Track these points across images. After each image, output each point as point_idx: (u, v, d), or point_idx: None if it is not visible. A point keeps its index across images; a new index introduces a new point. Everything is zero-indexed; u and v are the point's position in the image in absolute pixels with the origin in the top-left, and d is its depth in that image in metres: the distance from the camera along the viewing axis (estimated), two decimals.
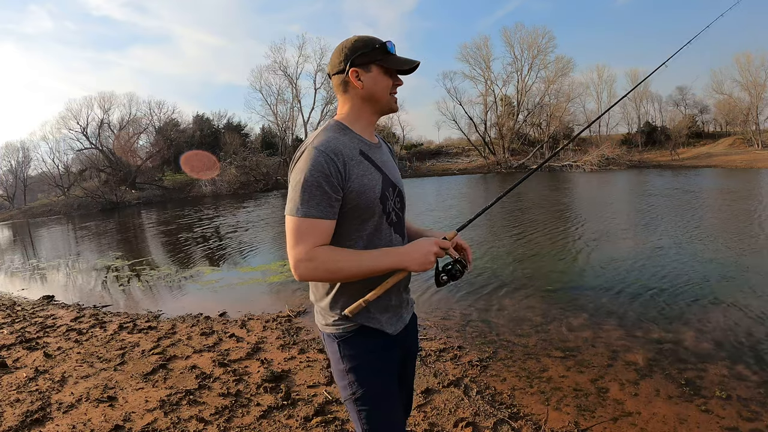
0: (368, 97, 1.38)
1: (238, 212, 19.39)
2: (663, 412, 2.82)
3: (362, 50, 1.36)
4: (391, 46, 1.39)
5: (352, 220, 1.34)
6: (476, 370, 3.52)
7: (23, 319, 5.76)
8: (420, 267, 1.31)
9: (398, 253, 1.32)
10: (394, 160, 1.58)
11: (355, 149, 1.35)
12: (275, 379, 3.42)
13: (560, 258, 7.35)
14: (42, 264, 11.09)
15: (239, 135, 42.67)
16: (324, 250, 1.27)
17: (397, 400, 1.46)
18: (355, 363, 1.39)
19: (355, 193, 1.31)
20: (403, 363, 1.54)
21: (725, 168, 28.41)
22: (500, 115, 42.44)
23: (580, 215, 11.90)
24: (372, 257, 1.30)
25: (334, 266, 1.26)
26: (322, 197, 1.26)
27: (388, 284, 1.34)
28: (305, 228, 1.26)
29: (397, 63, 1.39)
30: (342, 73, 1.37)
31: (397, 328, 1.46)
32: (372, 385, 1.39)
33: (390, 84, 1.39)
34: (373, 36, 1.38)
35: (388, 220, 1.41)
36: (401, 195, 1.48)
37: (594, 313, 4.71)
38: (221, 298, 6.42)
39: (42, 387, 3.52)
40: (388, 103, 1.41)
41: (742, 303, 4.73)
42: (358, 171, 1.33)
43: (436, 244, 1.34)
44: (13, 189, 41.14)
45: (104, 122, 39.59)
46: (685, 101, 47.16)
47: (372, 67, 1.36)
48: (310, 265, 1.26)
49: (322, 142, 1.30)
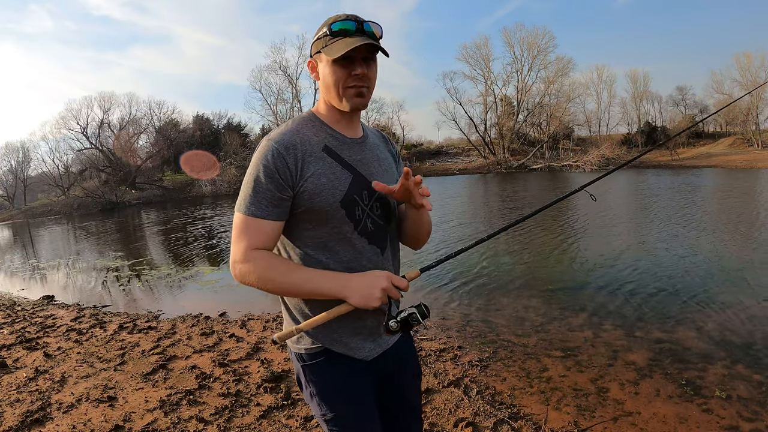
0: (324, 88, 1.21)
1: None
2: (663, 412, 2.82)
3: (316, 36, 1.20)
4: (336, 24, 1.15)
5: (307, 224, 1.20)
6: (476, 370, 3.52)
7: (23, 319, 5.76)
8: (361, 302, 1.12)
9: (341, 280, 1.15)
10: (395, 159, 1.40)
11: (318, 144, 1.20)
12: (275, 379, 3.42)
13: (560, 258, 7.35)
14: (42, 264, 11.09)
15: (239, 135, 42.63)
16: (262, 255, 1.15)
17: (373, 422, 1.28)
18: (321, 389, 1.26)
19: (308, 194, 1.16)
20: (380, 390, 1.35)
21: (725, 168, 28.43)
22: (500, 115, 42.47)
23: (580, 215, 11.89)
24: (310, 277, 1.15)
25: (265, 274, 1.13)
26: (264, 194, 1.14)
27: (330, 314, 1.15)
28: (245, 227, 1.15)
29: (333, 51, 1.13)
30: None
31: (372, 353, 1.28)
32: (341, 410, 1.25)
33: (338, 75, 1.15)
34: (335, 15, 1.18)
35: (358, 228, 1.22)
36: (385, 200, 1.28)
37: (594, 313, 4.71)
38: (221, 298, 6.42)
39: (42, 387, 3.52)
40: (347, 97, 1.17)
41: (743, 303, 4.73)
42: (316, 168, 1.17)
43: (388, 279, 1.15)
44: (13, 189, 41.13)
45: (104, 122, 39.67)
46: (685, 101, 47.29)
47: (322, 55, 1.18)
48: (243, 268, 1.14)
49: (277, 134, 1.18)
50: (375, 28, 1.18)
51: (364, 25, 1.16)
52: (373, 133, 1.38)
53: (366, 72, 1.16)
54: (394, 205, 1.34)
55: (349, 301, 1.13)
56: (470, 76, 42.97)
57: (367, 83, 1.18)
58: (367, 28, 1.16)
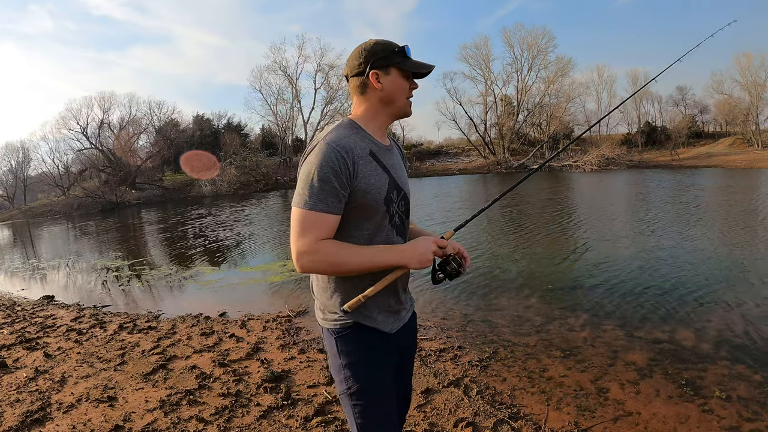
0: (387, 98, 1.42)
1: (238, 212, 19.38)
2: (663, 412, 2.82)
3: (382, 53, 1.40)
4: (408, 50, 1.43)
5: (356, 218, 1.37)
6: (476, 370, 3.52)
7: (23, 319, 5.76)
8: (419, 264, 1.35)
9: (399, 251, 1.35)
10: (404, 164, 1.60)
11: (365, 149, 1.38)
12: (275, 379, 3.42)
13: (560, 258, 7.35)
14: (42, 264, 11.09)
15: (239, 135, 42.64)
16: (327, 244, 1.30)
17: (392, 397, 1.47)
18: (351, 359, 1.41)
19: (362, 192, 1.34)
20: (399, 361, 1.56)
21: (725, 168, 28.41)
22: (500, 115, 42.45)
23: (580, 215, 11.90)
24: (373, 253, 1.33)
25: (336, 259, 1.29)
26: (329, 191, 1.29)
27: (387, 281, 1.36)
28: (311, 221, 1.29)
29: (416, 66, 1.43)
30: (361, 75, 1.40)
31: (394, 327, 1.48)
32: (367, 381, 1.41)
33: (407, 86, 1.44)
34: (390, 41, 1.43)
35: (391, 222, 1.43)
36: (406, 199, 1.51)
37: (594, 313, 4.71)
38: (221, 298, 6.42)
39: (42, 387, 3.52)
40: (404, 106, 1.45)
41: (743, 303, 4.73)
42: (366, 170, 1.35)
43: (435, 243, 1.38)
44: (13, 189, 41.11)
45: (104, 122, 39.68)
46: (685, 101, 47.21)
47: (391, 69, 1.40)
48: (313, 258, 1.29)
49: (334, 138, 1.33)
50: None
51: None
52: (394, 142, 1.60)
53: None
54: (410, 202, 1.57)
55: (408, 265, 1.35)
56: (470, 76, 42.95)
57: None
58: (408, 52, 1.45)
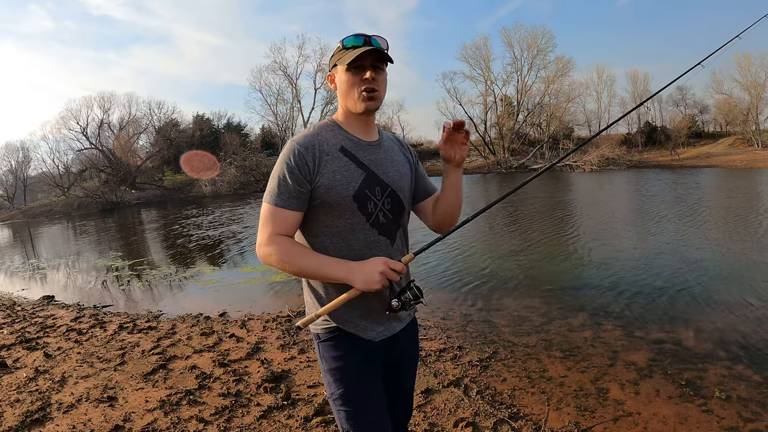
0: (342, 96, 1.41)
1: (238, 212, 19.39)
2: (663, 412, 2.82)
3: (334, 53, 1.41)
4: (348, 40, 1.35)
5: (323, 215, 1.37)
6: (476, 370, 3.52)
7: (23, 319, 5.76)
8: (364, 286, 1.26)
9: (346, 267, 1.30)
10: (409, 161, 1.57)
11: (335, 145, 1.38)
12: (275, 379, 3.42)
13: (560, 258, 7.35)
14: (42, 264, 11.09)
15: (239, 135, 42.63)
16: (282, 240, 1.33)
17: (376, 404, 1.42)
18: (332, 365, 1.41)
19: (324, 188, 1.33)
20: (390, 370, 1.51)
21: (725, 168, 28.42)
22: (500, 115, 42.47)
23: (580, 215, 11.90)
24: (322, 262, 1.32)
25: (284, 257, 1.31)
26: (285, 188, 1.33)
27: (340, 300, 1.29)
28: (269, 215, 1.34)
29: (345, 59, 1.34)
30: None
31: (379, 335, 1.43)
32: (348, 387, 1.40)
33: (354, 80, 1.35)
34: (351, 35, 1.37)
35: (370, 220, 1.38)
36: (395, 196, 1.44)
37: (594, 313, 4.71)
38: (221, 298, 6.42)
39: (42, 387, 3.52)
40: (356, 101, 1.36)
41: (743, 303, 4.73)
42: (333, 166, 1.35)
43: (384, 264, 1.28)
44: (13, 189, 41.11)
45: (104, 122, 39.65)
46: (685, 101, 47.22)
47: (338, 67, 1.39)
48: (265, 250, 1.33)
49: (298, 137, 1.37)
50: (381, 41, 1.37)
51: (372, 39, 1.36)
52: (390, 138, 1.56)
53: (375, 77, 1.34)
54: (406, 202, 1.50)
55: (354, 285, 1.28)
56: (470, 76, 43.02)
57: (376, 87, 1.35)
58: (374, 42, 1.35)
